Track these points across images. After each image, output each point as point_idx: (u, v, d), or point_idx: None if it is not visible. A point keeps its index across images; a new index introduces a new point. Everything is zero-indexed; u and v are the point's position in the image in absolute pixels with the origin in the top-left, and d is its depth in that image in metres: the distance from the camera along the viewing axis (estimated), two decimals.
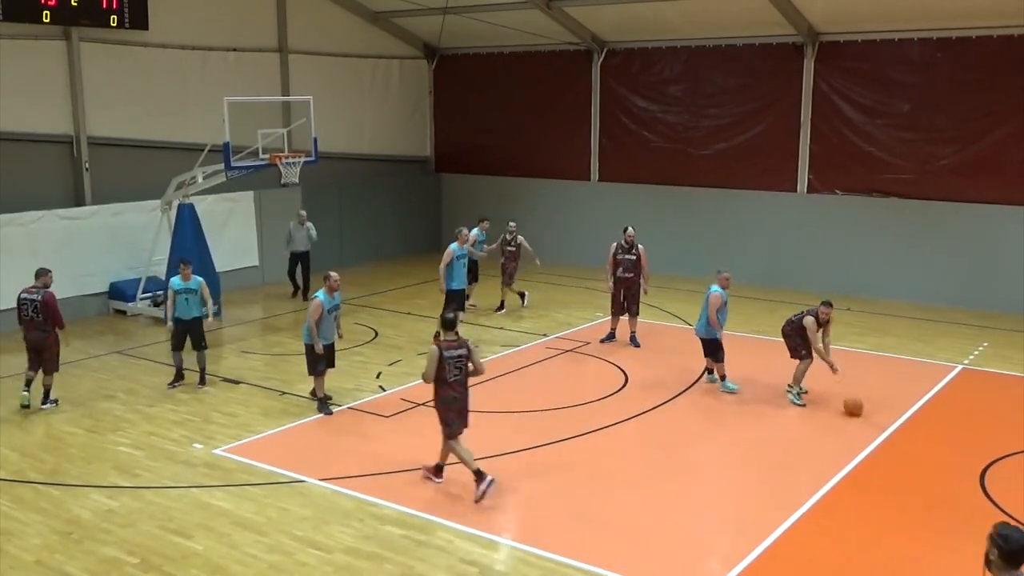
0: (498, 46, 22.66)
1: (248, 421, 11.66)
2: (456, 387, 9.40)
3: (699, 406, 12.31)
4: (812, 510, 9.07)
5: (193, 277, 12.90)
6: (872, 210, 18.57)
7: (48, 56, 16.92)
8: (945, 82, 17.63)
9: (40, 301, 11.93)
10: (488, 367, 13.84)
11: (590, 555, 8.14)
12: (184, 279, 12.81)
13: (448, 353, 9.28)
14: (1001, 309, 17.05)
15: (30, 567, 8.04)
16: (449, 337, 9.36)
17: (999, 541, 4.70)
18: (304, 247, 18.41)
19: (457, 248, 15.20)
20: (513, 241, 17.21)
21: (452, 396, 9.40)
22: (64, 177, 17.47)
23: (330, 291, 11.85)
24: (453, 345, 9.34)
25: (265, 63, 20.46)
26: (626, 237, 15.00)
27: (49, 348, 12.05)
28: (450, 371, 9.32)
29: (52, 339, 12.07)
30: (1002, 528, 4.77)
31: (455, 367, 9.35)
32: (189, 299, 12.78)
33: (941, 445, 10.95)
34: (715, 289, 12.64)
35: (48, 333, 12.02)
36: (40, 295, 11.96)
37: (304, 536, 8.54)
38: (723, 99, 20.08)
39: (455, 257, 15.12)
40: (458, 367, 9.37)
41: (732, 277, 12.50)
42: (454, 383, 9.38)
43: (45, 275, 12.11)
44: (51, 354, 12.09)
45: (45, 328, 12.00)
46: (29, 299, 11.99)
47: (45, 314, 11.94)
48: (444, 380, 9.33)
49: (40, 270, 12.22)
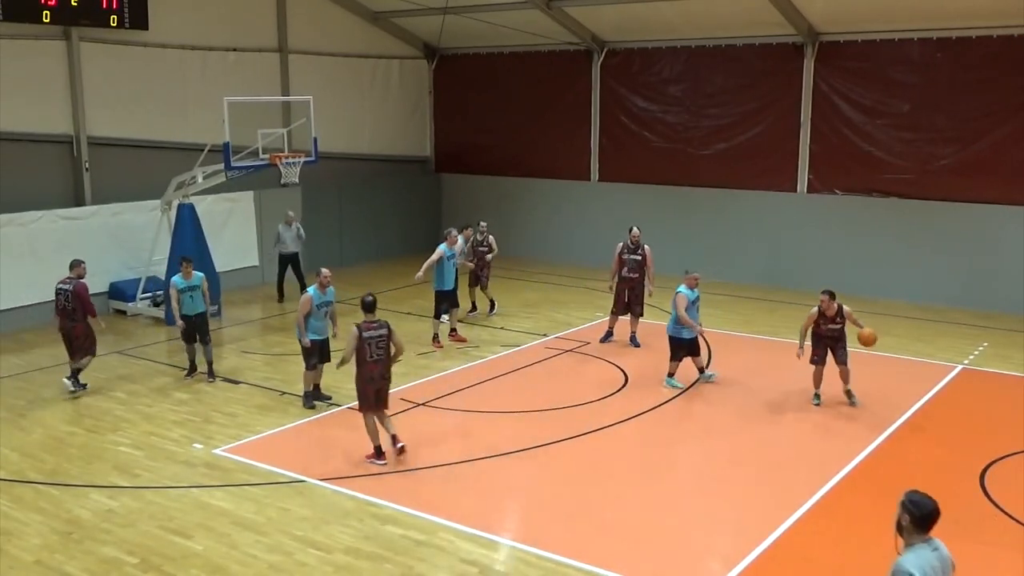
0: (498, 46, 22.66)
1: (248, 421, 11.66)
2: (375, 366, 9.98)
3: (699, 406, 12.31)
4: (812, 510, 9.07)
5: (194, 274, 13.20)
6: (872, 210, 18.57)
7: (48, 56, 16.92)
8: (945, 82, 17.62)
9: (71, 291, 12.40)
10: (488, 367, 13.96)
11: (590, 555, 8.14)
12: (186, 277, 13.10)
13: (368, 333, 9.91)
14: (1001, 309, 17.04)
15: (30, 567, 8.04)
16: (369, 318, 10.01)
17: (911, 507, 4.96)
18: (294, 248, 18.34)
19: (447, 249, 15.14)
20: (484, 242, 16.87)
21: (371, 375, 9.98)
22: (64, 177, 17.47)
23: (321, 287, 11.96)
24: (373, 326, 9.97)
25: (265, 63, 20.46)
26: (632, 237, 14.99)
27: (78, 337, 12.52)
28: (371, 351, 9.91)
29: (80, 329, 12.50)
30: (912, 495, 5.01)
31: (376, 347, 9.94)
32: (193, 296, 13.14)
33: (941, 445, 10.95)
34: (681, 289, 12.71)
35: (77, 323, 12.47)
36: (72, 285, 12.45)
37: (304, 536, 8.54)
38: (723, 99, 20.08)
39: (445, 257, 15.07)
40: (379, 347, 9.96)
41: (732, 277, 12.54)
42: (373, 362, 9.97)
43: (79, 266, 12.65)
44: (80, 342, 12.54)
45: (75, 318, 12.46)
46: (63, 289, 12.49)
47: (75, 304, 12.41)
48: (364, 360, 9.91)
49: (74, 261, 12.74)
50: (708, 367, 13.60)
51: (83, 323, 12.48)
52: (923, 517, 4.95)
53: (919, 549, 4.94)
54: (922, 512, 4.95)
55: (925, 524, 4.95)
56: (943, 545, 5.04)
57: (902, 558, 4.91)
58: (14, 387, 13.09)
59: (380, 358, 10.02)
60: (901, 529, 5.01)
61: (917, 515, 4.96)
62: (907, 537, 4.99)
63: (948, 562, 5.02)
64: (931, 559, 4.90)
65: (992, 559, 8.15)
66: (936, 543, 4.99)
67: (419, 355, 14.49)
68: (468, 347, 15.01)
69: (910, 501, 5.00)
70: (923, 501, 4.98)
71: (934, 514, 4.95)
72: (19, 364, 14.25)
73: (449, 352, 14.75)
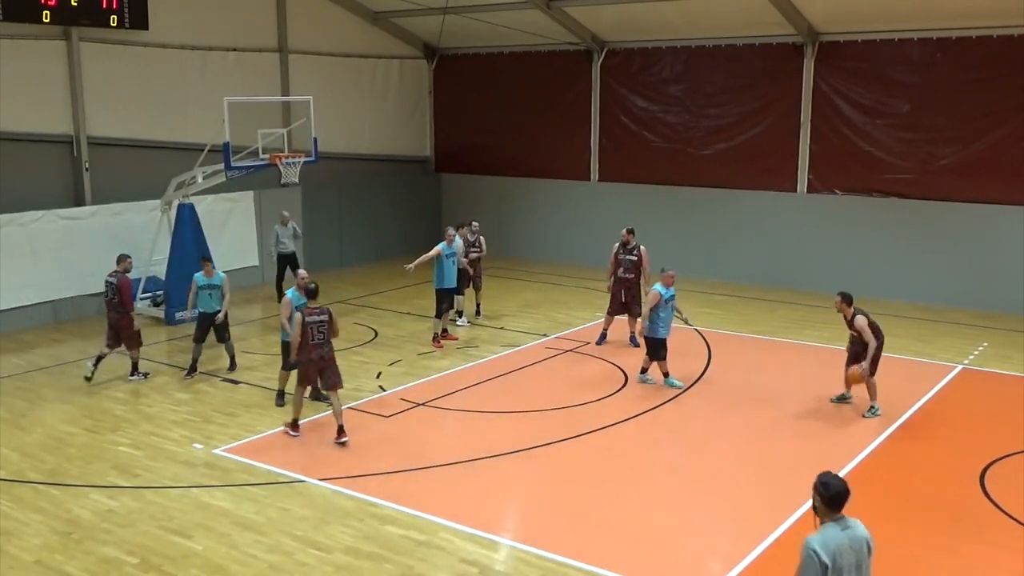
0: (498, 46, 22.66)
1: (248, 421, 11.66)
2: (316, 348, 10.73)
3: (699, 406, 12.31)
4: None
5: (216, 273, 13.54)
6: (872, 210, 18.57)
7: (48, 56, 16.92)
8: (945, 82, 17.62)
9: (116, 284, 12.92)
10: (488, 367, 13.96)
11: (590, 555, 8.14)
12: (207, 275, 13.46)
13: (310, 319, 10.68)
14: (1001, 309, 17.04)
15: (30, 567, 8.04)
16: (312, 305, 10.80)
17: (821, 489, 5.17)
18: (291, 248, 18.32)
19: (445, 247, 15.10)
20: (476, 243, 16.68)
21: (311, 358, 10.72)
22: (64, 177, 17.47)
23: (299, 289, 11.97)
24: (315, 312, 10.75)
25: (265, 63, 20.47)
26: (624, 237, 14.98)
27: (124, 328, 13.02)
28: (313, 335, 10.66)
29: (126, 320, 12.99)
30: (823, 476, 5.21)
31: (317, 331, 10.70)
32: (212, 294, 13.46)
33: (941, 445, 10.95)
34: (656, 287, 12.70)
35: (122, 314, 12.98)
36: (116, 279, 12.95)
37: (304, 536, 8.54)
38: (723, 99, 20.08)
39: (444, 255, 15.01)
40: (320, 331, 10.72)
41: (732, 277, 12.53)
42: (315, 345, 10.71)
43: (125, 260, 13.15)
44: (128, 333, 13.06)
45: (120, 309, 12.97)
46: (109, 282, 13.05)
47: (119, 296, 12.85)
48: (307, 343, 10.67)
49: (121, 256, 13.24)
50: (708, 367, 13.59)
51: (128, 315, 12.97)
52: (832, 497, 5.14)
53: (828, 528, 5.13)
54: (831, 492, 5.14)
55: (835, 504, 5.14)
56: (858, 524, 5.21)
57: (809, 536, 5.10)
58: (14, 387, 13.10)
59: (321, 341, 10.77)
60: (816, 510, 5.21)
61: (827, 496, 5.15)
62: (821, 517, 5.19)
63: (861, 541, 5.16)
64: (839, 537, 5.08)
65: (992, 559, 8.16)
66: (848, 522, 5.16)
67: (419, 355, 14.49)
68: (468, 347, 15.01)
69: (821, 483, 5.18)
70: (832, 482, 5.15)
71: (843, 494, 5.14)
72: (19, 364, 14.25)
73: (449, 352, 14.75)
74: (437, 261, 14.94)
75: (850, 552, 5.08)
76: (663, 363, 12.88)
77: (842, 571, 5.03)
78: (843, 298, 11.78)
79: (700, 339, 15.40)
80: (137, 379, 13.22)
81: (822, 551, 4.99)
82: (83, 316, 17.00)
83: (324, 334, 10.79)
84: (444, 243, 15.10)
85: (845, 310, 11.74)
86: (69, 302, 16.98)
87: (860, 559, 5.14)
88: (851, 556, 5.08)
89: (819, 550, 4.99)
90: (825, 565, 4.97)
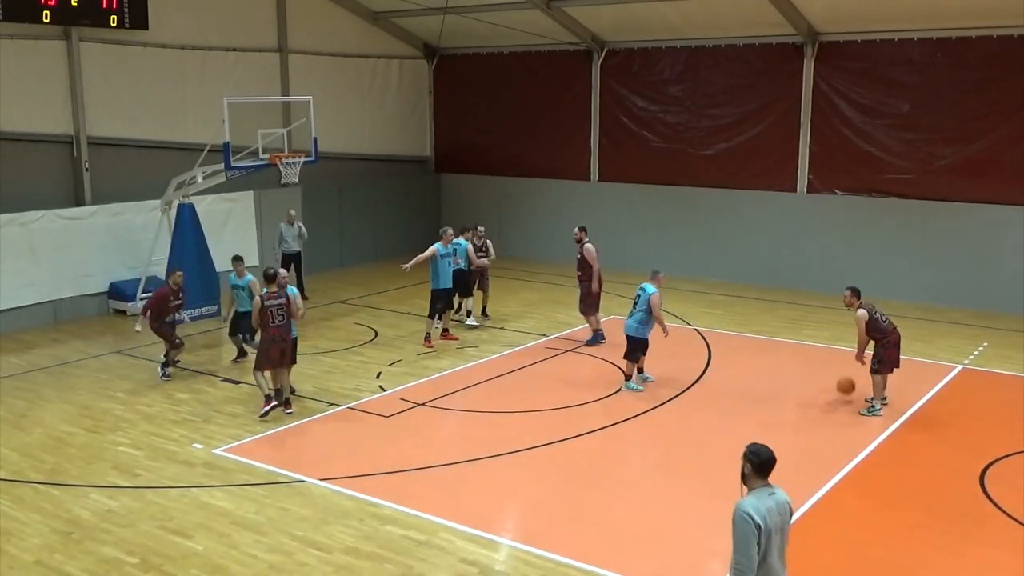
0: (498, 46, 22.66)
1: (248, 421, 11.66)
2: (277, 330, 11.50)
3: (698, 406, 12.31)
4: (812, 510, 9.07)
5: (246, 275, 13.85)
6: (872, 210, 18.57)
7: (48, 56, 16.92)
8: (945, 82, 17.62)
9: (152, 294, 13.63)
10: (488, 367, 13.96)
11: (590, 555, 8.14)
12: (239, 276, 13.80)
13: (269, 303, 11.47)
14: (1001, 309, 17.04)
15: (30, 567, 8.04)
16: (271, 289, 11.54)
17: (751, 456, 5.49)
18: (296, 247, 18.33)
19: (441, 247, 15.08)
20: (484, 247, 16.58)
21: (272, 337, 11.50)
22: (64, 177, 17.47)
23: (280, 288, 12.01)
24: (274, 296, 11.52)
25: (265, 63, 20.47)
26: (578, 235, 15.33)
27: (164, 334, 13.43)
28: (273, 317, 11.46)
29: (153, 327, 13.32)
30: (752, 446, 5.55)
31: (277, 313, 11.49)
32: (241, 294, 13.75)
33: (941, 445, 10.95)
34: (653, 290, 12.64)
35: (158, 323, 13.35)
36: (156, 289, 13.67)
37: (304, 536, 8.54)
38: (723, 99, 20.08)
39: (439, 256, 15.01)
40: (280, 313, 11.51)
41: (731, 277, 12.54)
42: (275, 327, 11.49)
43: (172, 273, 13.56)
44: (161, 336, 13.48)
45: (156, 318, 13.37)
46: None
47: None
48: (267, 325, 11.46)
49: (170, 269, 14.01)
50: (708, 367, 13.60)
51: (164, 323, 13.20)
52: (761, 464, 5.47)
53: (758, 493, 5.44)
54: (760, 459, 5.47)
55: (764, 471, 5.47)
56: (780, 490, 5.53)
57: (742, 500, 5.41)
58: (14, 387, 13.09)
59: (281, 323, 11.54)
60: (745, 478, 5.52)
61: (756, 463, 5.48)
62: (749, 484, 5.50)
63: (785, 505, 5.52)
64: (768, 501, 5.40)
65: (992, 559, 8.16)
66: (774, 489, 5.50)
67: (419, 355, 14.50)
68: (468, 347, 15.01)
69: (750, 452, 5.50)
70: (761, 450, 5.49)
71: (771, 461, 5.47)
72: (19, 364, 14.25)
73: (449, 352, 14.75)
74: (432, 261, 14.92)
75: (776, 515, 5.43)
76: (641, 360, 12.91)
77: (771, 533, 5.37)
78: (852, 292, 11.81)
79: (700, 339, 15.41)
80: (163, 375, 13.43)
81: (755, 514, 5.30)
82: (83, 316, 17.01)
83: (283, 316, 11.57)
84: (440, 243, 15.08)
85: (853, 303, 11.76)
86: (69, 302, 16.98)
87: (784, 521, 5.51)
88: (777, 518, 5.43)
89: (752, 513, 5.30)
90: (759, 526, 5.28)
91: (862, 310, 11.66)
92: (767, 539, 5.33)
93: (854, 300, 11.75)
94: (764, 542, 5.32)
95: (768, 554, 5.35)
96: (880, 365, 11.72)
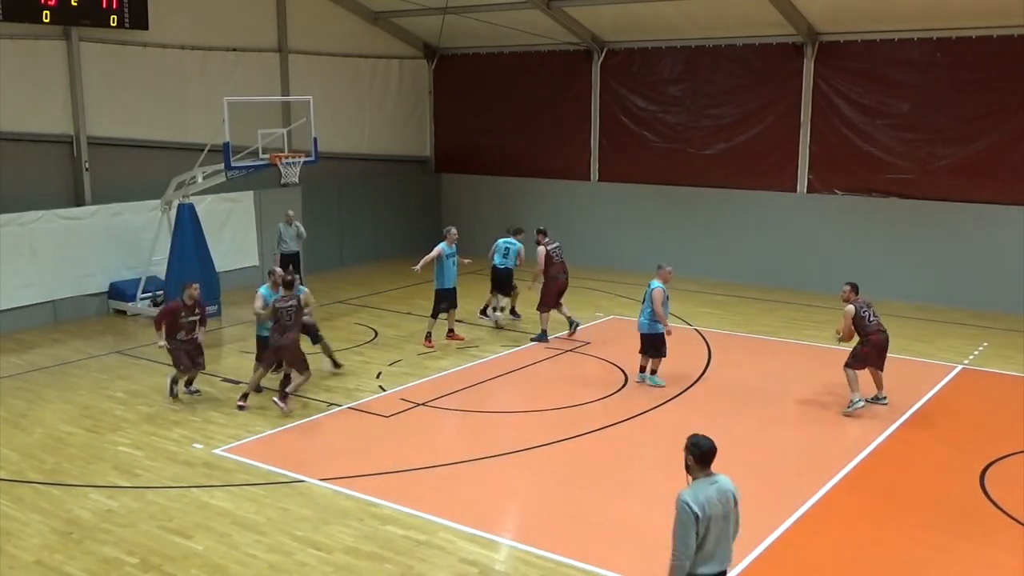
0: (498, 46, 22.65)
1: (248, 421, 11.66)
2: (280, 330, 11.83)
3: (698, 406, 12.30)
4: (812, 511, 9.07)
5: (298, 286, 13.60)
6: (872, 210, 18.56)
7: (48, 56, 16.91)
8: (945, 82, 17.62)
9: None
10: (488, 367, 13.95)
11: (590, 555, 8.14)
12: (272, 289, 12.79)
13: (280, 304, 11.85)
14: (1001, 309, 17.04)
15: (30, 567, 8.04)
16: (284, 293, 11.92)
17: (692, 448, 5.76)
18: (295, 247, 18.32)
19: (446, 247, 15.07)
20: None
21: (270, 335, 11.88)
22: (64, 177, 17.46)
23: (274, 286, 12.24)
24: (286, 299, 11.90)
25: (265, 63, 20.46)
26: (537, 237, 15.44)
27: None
28: (282, 318, 11.82)
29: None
30: (693, 437, 5.80)
31: (285, 315, 11.82)
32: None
33: (941, 445, 10.95)
34: (657, 284, 12.72)
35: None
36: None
37: (304, 536, 8.54)
38: (723, 99, 20.07)
39: (444, 255, 15.02)
40: (289, 315, 11.86)
41: (731, 277, 12.55)
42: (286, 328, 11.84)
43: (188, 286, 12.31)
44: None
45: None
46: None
47: None
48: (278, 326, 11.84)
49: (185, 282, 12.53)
50: (708, 367, 13.59)
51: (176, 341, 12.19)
52: (703, 455, 5.74)
53: (699, 483, 5.70)
54: (701, 451, 5.73)
55: (705, 461, 5.73)
56: (724, 479, 5.78)
57: (682, 491, 5.66)
58: (14, 387, 13.09)
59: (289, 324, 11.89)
60: (688, 468, 5.77)
61: (698, 454, 5.74)
62: (693, 474, 5.75)
63: (728, 493, 5.76)
64: (709, 491, 5.65)
65: (992, 559, 8.16)
66: (717, 478, 5.76)
67: (419, 355, 14.50)
68: (468, 347, 15.01)
69: (692, 443, 5.76)
70: (701, 442, 5.74)
71: (711, 452, 5.74)
72: (19, 364, 14.25)
73: (449, 352, 14.75)
74: (438, 261, 14.94)
75: (718, 504, 5.67)
76: (658, 361, 12.94)
77: (711, 521, 5.61)
78: (852, 287, 11.95)
79: (700, 339, 15.41)
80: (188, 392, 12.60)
81: (693, 503, 5.57)
82: (83, 316, 17.01)
83: (292, 318, 11.87)
84: (444, 243, 15.09)
85: (851, 298, 11.88)
86: (69, 302, 16.98)
87: (727, 510, 5.74)
88: (719, 507, 5.67)
89: (691, 502, 5.57)
90: (697, 515, 5.53)
91: (851, 306, 11.82)
92: (706, 527, 5.58)
93: (852, 295, 11.88)
94: (703, 531, 5.57)
95: (706, 540, 5.61)
96: (853, 360, 11.87)
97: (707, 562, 5.65)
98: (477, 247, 23.52)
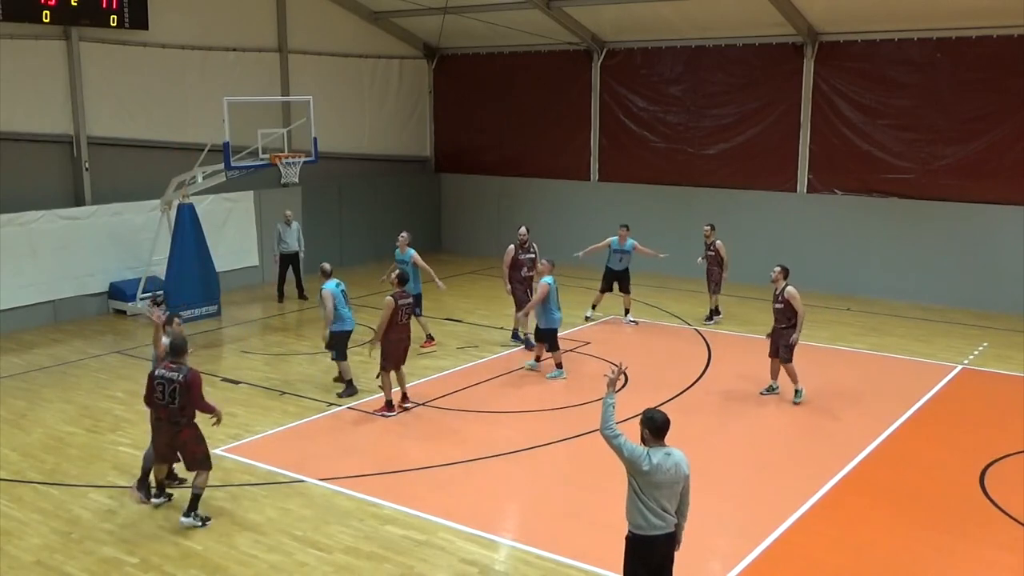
0: (498, 46, 22.65)
1: (248, 421, 11.66)
2: (403, 329, 11.88)
3: (699, 406, 12.30)
4: (812, 511, 9.07)
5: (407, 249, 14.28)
6: (872, 210, 18.56)
7: (48, 56, 16.91)
8: (945, 82, 17.62)
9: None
10: (488, 367, 13.95)
11: (590, 555, 8.15)
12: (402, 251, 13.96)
13: (402, 302, 11.76)
14: (1001, 309, 17.04)
15: (30, 567, 8.04)
16: (400, 289, 11.81)
17: (647, 423, 6.27)
18: (295, 248, 18.32)
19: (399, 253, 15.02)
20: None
21: (400, 337, 11.84)
22: (64, 177, 17.47)
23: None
24: (405, 295, 11.83)
25: (265, 63, 20.46)
26: (520, 237, 15.32)
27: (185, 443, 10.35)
28: (401, 316, 11.75)
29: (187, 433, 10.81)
30: (647, 411, 6.35)
31: (404, 313, 11.80)
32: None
33: (941, 445, 10.95)
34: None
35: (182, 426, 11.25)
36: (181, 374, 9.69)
37: (304, 536, 8.54)
38: (723, 99, 20.07)
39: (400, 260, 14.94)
40: (407, 313, 11.87)
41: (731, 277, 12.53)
42: (402, 326, 11.81)
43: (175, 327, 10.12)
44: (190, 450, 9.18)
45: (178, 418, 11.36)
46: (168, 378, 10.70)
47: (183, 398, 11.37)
48: (395, 324, 11.69)
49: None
50: (707, 367, 13.59)
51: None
52: (657, 428, 6.24)
53: (654, 450, 6.22)
54: (656, 424, 6.25)
55: (659, 434, 6.24)
56: (678, 452, 6.30)
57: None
58: (14, 387, 13.09)
59: (406, 322, 11.87)
60: (644, 441, 6.26)
61: (653, 428, 6.25)
62: (648, 445, 6.24)
63: (679, 466, 6.24)
64: (663, 458, 6.18)
65: (992, 559, 8.16)
66: (671, 450, 6.27)
67: (419, 355, 14.49)
68: (468, 347, 15.01)
69: (646, 418, 6.28)
70: (655, 416, 6.28)
71: (665, 425, 6.26)
72: (19, 364, 14.25)
73: (449, 352, 14.75)
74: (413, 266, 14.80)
75: (667, 472, 6.16)
76: (558, 353, 13.47)
77: (660, 486, 6.18)
78: (783, 270, 12.23)
79: (700, 339, 15.41)
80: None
81: (653, 456, 6.15)
82: (83, 316, 17.01)
83: (410, 315, 11.96)
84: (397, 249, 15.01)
85: (780, 282, 12.11)
86: (69, 302, 16.98)
87: (675, 479, 6.22)
88: (668, 475, 6.17)
89: (651, 454, 6.15)
90: (648, 463, 6.10)
91: (791, 287, 12.05)
92: (647, 481, 6.14)
93: (782, 279, 12.17)
94: (642, 482, 6.16)
95: (659, 497, 6.18)
96: (789, 353, 12.17)
97: (659, 519, 6.22)
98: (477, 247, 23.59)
